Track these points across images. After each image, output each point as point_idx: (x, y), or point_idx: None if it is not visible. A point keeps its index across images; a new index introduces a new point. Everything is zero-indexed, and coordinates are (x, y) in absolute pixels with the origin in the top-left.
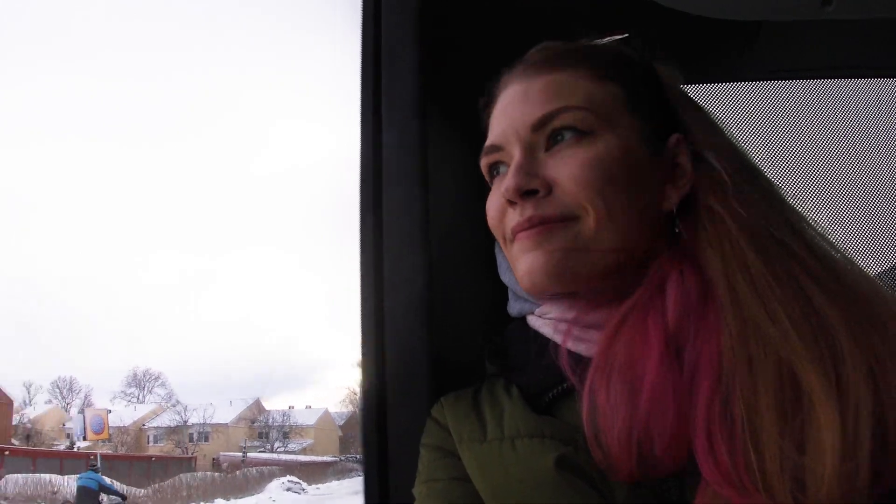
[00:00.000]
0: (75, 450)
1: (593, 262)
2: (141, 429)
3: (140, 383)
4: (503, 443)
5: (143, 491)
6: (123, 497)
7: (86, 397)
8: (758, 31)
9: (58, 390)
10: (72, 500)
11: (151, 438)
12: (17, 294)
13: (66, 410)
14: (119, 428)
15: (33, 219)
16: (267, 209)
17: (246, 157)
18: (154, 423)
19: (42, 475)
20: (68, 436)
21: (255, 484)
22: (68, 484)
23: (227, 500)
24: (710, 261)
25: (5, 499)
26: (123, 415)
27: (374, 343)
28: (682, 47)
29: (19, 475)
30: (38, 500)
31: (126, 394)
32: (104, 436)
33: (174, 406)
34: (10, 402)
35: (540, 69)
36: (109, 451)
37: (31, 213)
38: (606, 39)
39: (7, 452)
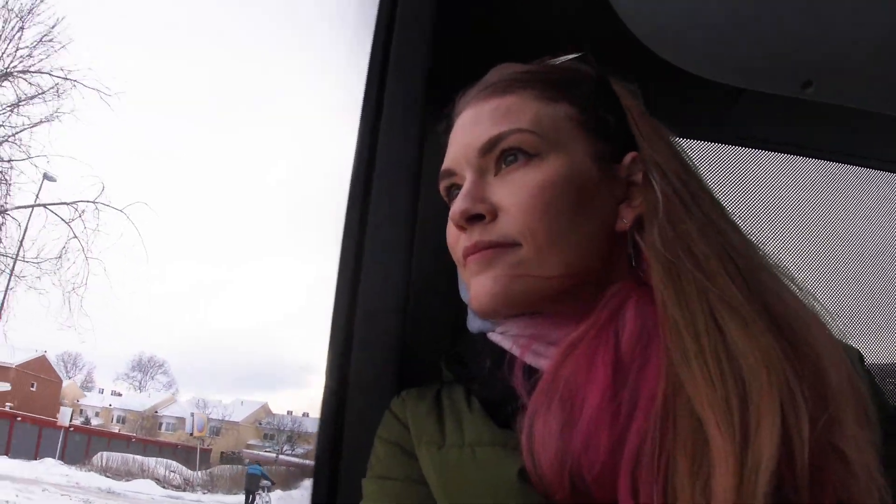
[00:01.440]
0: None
1: (538, 287)
2: (155, 415)
3: (144, 368)
4: (463, 449)
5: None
6: (273, 483)
7: (88, 373)
8: (737, 99)
9: (62, 364)
10: (160, 477)
11: (165, 426)
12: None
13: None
14: (139, 413)
15: None
16: (283, 218)
17: (263, 166)
18: (167, 412)
19: (129, 455)
20: (81, 412)
21: (292, 480)
22: (155, 465)
23: (283, 490)
24: (655, 291)
25: (107, 471)
26: (141, 401)
27: (343, 334)
28: (663, 98)
29: (113, 454)
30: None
31: (129, 376)
32: (204, 433)
33: (175, 393)
34: (59, 382)
35: (491, 93)
36: (137, 435)
37: None
38: (561, 59)
39: (71, 429)
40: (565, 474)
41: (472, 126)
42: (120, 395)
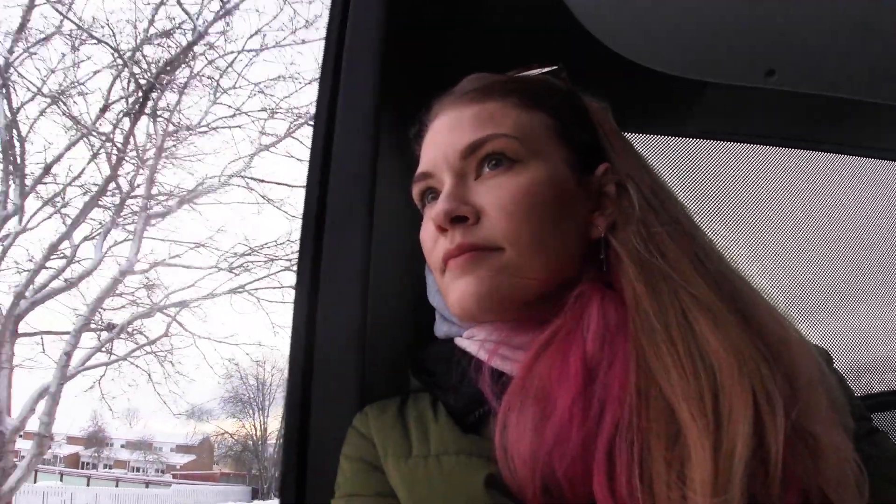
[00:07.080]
0: None
1: (522, 289)
2: None
3: None
4: (429, 459)
5: None
6: None
7: None
8: (702, 92)
9: None
10: None
11: None
12: None
13: None
14: None
15: None
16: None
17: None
18: None
19: None
20: None
21: None
22: None
23: None
24: (623, 292)
25: None
26: None
27: (303, 345)
28: (627, 96)
29: None
30: None
31: None
32: None
33: None
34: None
35: (471, 98)
36: None
37: None
38: (535, 71)
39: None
40: (537, 471)
41: (453, 130)
42: None
